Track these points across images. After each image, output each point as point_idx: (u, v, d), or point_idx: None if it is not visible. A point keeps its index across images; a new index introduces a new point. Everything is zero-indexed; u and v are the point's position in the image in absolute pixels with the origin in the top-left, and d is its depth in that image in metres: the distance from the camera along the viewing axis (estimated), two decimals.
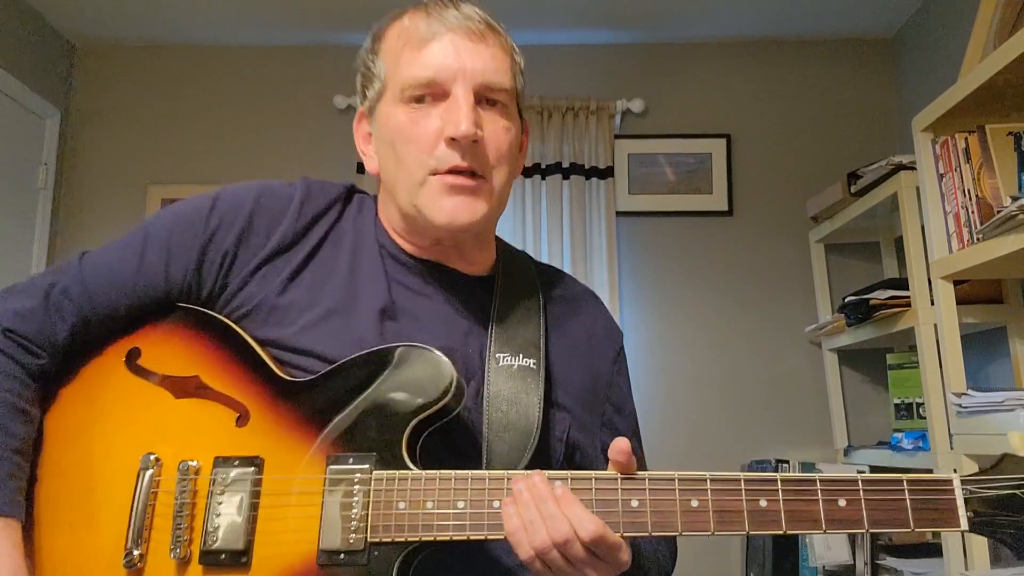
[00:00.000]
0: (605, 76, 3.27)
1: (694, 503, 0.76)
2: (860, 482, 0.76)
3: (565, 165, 3.13)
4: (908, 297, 2.35)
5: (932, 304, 2.16)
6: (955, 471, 0.80)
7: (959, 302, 2.05)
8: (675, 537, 1.01)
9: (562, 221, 3.09)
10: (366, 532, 0.79)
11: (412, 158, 0.92)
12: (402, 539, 0.79)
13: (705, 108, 3.25)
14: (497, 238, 1.10)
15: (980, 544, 1.95)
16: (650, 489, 0.77)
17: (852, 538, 2.62)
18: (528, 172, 3.13)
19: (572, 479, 0.77)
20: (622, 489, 0.77)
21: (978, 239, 1.89)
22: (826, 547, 2.60)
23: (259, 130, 3.27)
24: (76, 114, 3.31)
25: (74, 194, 3.23)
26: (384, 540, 0.79)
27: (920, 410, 2.59)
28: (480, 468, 0.87)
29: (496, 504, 0.77)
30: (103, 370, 0.94)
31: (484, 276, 1.03)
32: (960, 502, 0.75)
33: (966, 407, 1.92)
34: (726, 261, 3.11)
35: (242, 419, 0.88)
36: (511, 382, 0.92)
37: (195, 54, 3.35)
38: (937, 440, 2.15)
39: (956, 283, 2.06)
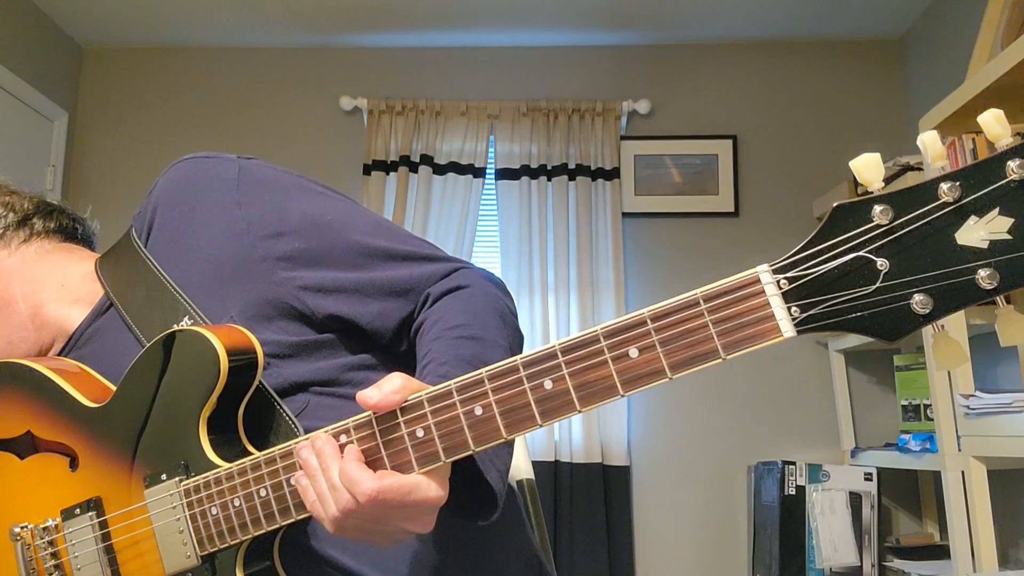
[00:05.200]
0: (611, 77, 3.27)
1: (478, 411, 0.68)
2: (649, 321, 0.62)
3: (571, 166, 3.13)
4: None
5: None
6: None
7: None
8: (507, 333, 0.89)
9: (568, 222, 3.09)
10: (194, 548, 0.79)
11: None
12: (225, 545, 0.78)
13: (711, 109, 3.25)
14: (96, 264, 1.02)
15: (988, 545, 1.95)
16: (431, 411, 0.69)
17: (859, 540, 2.61)
18: (534, 173, 3.13)
19: (355, 427, 0.72)
20: (404, 422, 0.70)
21: None
22: (833, 548, 2.59)
23: (266, 131, 3.28)
24: (84, 116, 3.32)
25: (82, 196, 3.24)
26: (213, 549, 0.79)
27: (928, 411, 2.58)
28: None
29: (294, 481, 0.74)
30: None
31: (101, 302, 0.98)
32: (776, 301, 0.59)
33: (974, 408, 1.91)
34: (732, 262, 3.08)
35: (74, 462, 0.87)
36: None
37: (202, 56, 3.36)
38: (945, 442, 2.14)
39: None
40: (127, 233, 1.00)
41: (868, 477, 2.68)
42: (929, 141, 0.54)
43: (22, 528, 0.88)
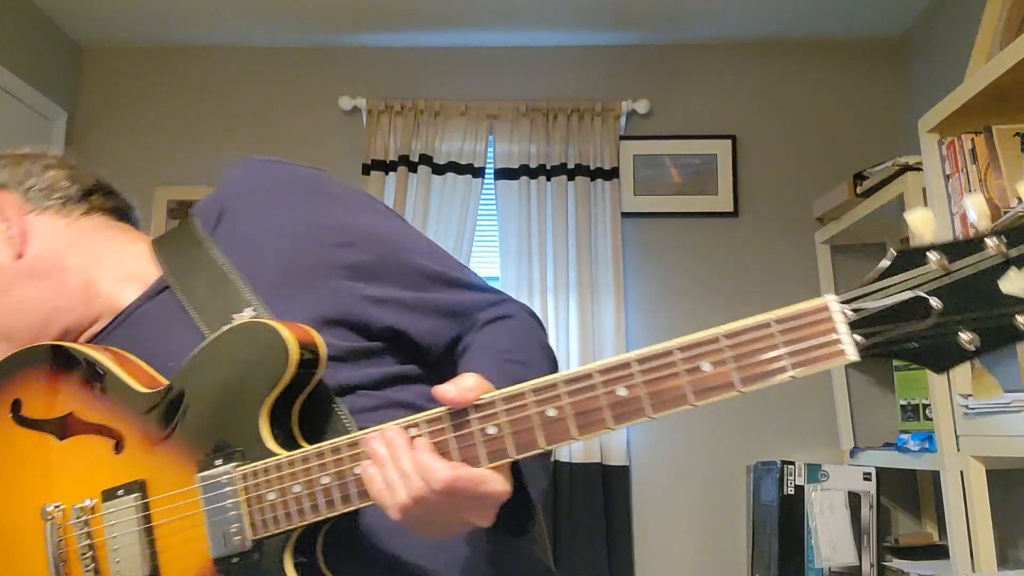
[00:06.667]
0: (610, 77, 3.27)
1: (551, 412, 0.71)
2: (723, 338, 0.68)
3: (570, 166, 3.13)
4: None
5: None
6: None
7: None
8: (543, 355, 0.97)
9: (567, 222, 3.09)
10: (245, 531, 0.80)
11: None
12: (279, 529, 0.79)
13: (710, 109, 3.25)
14: (151, 244, 1.04)
15: (987, 545, 1.95)
16: (505, 411, 0.72)
17: (858, 539, 2.62)
18: (533, 173, 3.13)
19: (427, 421, 0.74)
20: (477, 419, 0.73)
21: None
22: (832, 548, 2.60)
23: (265, 131, 3.28)
24: (83, 116, 3.32)
25: None
26: (265, 534, 0.79)
27: (927, 411, 2.59)
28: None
29: (358, 470, 0.76)
30: None
31: (157, 284, 0.99)
32: (843, 328, 0.65)
33: (973, 408, 1.91)
34: (732, 262, 3.11)
35: (119, 445, 0.88)
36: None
37: (201, 56, 3.36)
38: (944, 441, 2.14)
39: None
40: (186, 222, 1.02)
41: (867, 477, 2.68)
42: (977, 204, 0.63)
43: (55, 508, 0.88)
